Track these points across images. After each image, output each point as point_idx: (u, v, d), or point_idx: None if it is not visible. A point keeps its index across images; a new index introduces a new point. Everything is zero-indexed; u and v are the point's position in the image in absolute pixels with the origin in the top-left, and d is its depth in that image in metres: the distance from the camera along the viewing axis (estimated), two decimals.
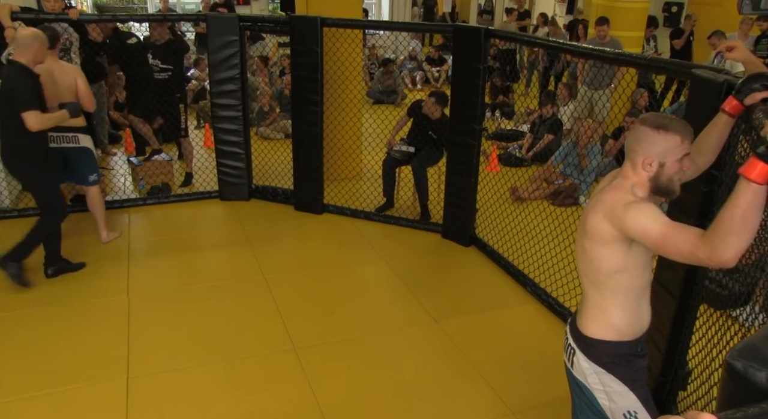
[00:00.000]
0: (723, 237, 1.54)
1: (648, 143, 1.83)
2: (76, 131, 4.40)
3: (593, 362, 1.96)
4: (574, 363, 2.03)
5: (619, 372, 1.95)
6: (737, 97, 2.01)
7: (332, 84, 5.46)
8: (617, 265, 1.88)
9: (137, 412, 2.96)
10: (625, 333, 1.95)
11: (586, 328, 1.98)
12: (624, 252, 1.86)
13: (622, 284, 1.91)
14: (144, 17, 5.81)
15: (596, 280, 1.94)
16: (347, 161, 5.76)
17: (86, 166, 4.52)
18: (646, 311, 2.00)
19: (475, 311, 3.93)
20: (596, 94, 6.98)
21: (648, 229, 1.72)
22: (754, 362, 1.37)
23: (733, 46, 2.26)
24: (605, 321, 1.95)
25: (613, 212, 1.81)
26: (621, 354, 1.95)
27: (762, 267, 3.07)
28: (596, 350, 1.96)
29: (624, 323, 1.94)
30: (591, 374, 1.98)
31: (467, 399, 3.12)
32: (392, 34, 8.65)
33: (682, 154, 1.84)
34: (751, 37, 7.63)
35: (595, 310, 1.97)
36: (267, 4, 15.04)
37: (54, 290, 4.01)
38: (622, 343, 1.95)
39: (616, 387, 1.95)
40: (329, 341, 3.58)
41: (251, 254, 4.58)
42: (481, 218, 4.87)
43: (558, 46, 4.26)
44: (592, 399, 2.01)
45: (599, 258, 1.90)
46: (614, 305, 1.93)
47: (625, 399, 1.96)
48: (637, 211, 1.76)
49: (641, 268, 1.92)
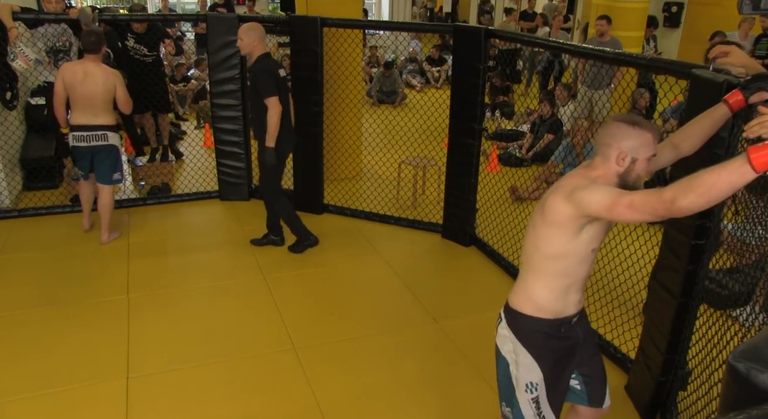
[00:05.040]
0: (685, 190, 1.60)
1: (623, 138, 1.88)
2: (104, 128, 4.44)
3: (512, 331, 2.11)
4: (498, 329, 2.19)
5: (530, 345, 2.08)
6: (743, 93, 2.01)
7: (332, 84, 5.46)
8: (558, 250, 1.97)
9: (137, 412, 2.95)
10: (543, 311, 2.06)
11: (511, 300, 2.13)
12: (571, 237, 1.94)
13: (554, 270, 2.01)
14: (144, 17, 5.80)
15: (533, 259, 2.05)
16: (347, 161, 5.76)
17: (112, 164, 4.55)
18: (573, 300, 2.08)
19: (475, 311, 3.92)
20: (596, 94, 6.97)
21: (602, 197, 1.79)
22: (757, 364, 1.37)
23: (728, 52, 2.26)
24: (527, 296, 2.08)
25: (572, 191, 1.88)
26: (536, 330, 2.07)
27: (762, 267, 3.07)
28: (515, 321, 2.10)
29: (545, 302, 2.05)
30: (507, 342, 2.13)
31: (467, 399, 3.12)
32: (392, 35, 8.65)
33: (651, 153, 1.91)
34: (751, 36, 7.63)
35: (522, 285, 2.10)
36: (267, 4, 15.04)
37: (54, 290, 4.01)
38: (541, 320, 2.06)
39: (524, 358, 2.08)
40: (329, 341, 3.58)
41: (251, 254, 4.58)
42: (481, 218, 4.87)
43: (558, 46, 4.26)
44: (503, 364, 2.16)
45: (545, 239, 1.99)
46: (540, 284, 2.04)
47: (529, 371, 2.09)
48: (593, 187, 1.86)
49: (578, 260, 2.00)
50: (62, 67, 4.42)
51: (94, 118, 4.37)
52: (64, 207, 5.27)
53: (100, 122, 4.38)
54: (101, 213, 4.65)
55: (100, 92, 4.34)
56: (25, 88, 6.00)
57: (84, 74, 4.30)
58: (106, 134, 4.45)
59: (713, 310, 2.82)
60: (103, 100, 4.36)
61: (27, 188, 5.65)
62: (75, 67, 4.36)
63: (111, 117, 4.48)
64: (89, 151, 4.45)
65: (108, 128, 4.45)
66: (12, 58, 4.53)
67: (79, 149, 4.45)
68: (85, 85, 4.30)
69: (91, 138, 4.40)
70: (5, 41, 4.59)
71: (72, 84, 4.30)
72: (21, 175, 5.70)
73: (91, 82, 4.31)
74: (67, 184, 5.65)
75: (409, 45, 12.23)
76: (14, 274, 4.25)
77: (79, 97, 4.33)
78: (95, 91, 4.33)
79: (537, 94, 8.92)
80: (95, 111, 4.36)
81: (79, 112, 4.37)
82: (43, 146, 5.83)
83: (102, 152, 4.47)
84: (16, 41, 4.49)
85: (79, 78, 4.29)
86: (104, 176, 4.56)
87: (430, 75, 11.47)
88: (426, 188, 5.86)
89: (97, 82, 4.32)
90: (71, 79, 4.30)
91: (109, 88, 4.36)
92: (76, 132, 4.40)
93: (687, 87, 2.69)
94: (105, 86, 4.35)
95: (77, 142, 4.42)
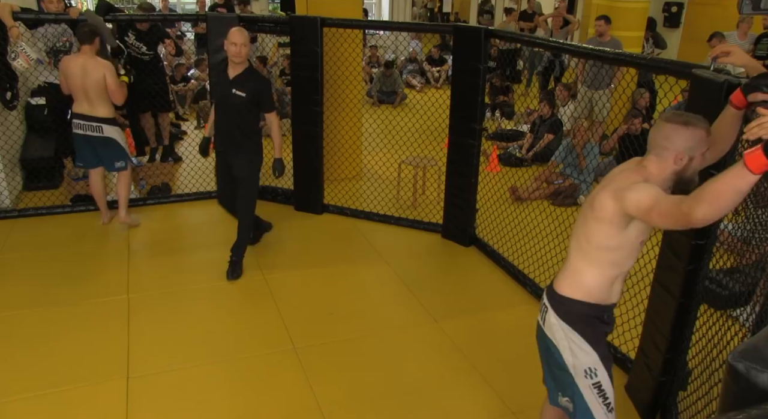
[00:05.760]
0: (698, 201, 1.70)
1: (678, 139, 1.93)
2: (100, 121, 4.63)
3: (562, 319, 2.13)
4: (545, 319, 2.19)
5: (584, 330, 2.11)
6: (743, 92, 2.03)
7: (332, 84, 5.45)
8: (608, 243, 2.04)
9: (137, 412, 2.95)
10: (594, 297, 2.11)
11: (561, 287, 2.16)
12: (619, 230, 2.00)
13: (606, 260, 2.08)
14: (144, 17, 5.80)
15: (586, 250, 2.10)
16: (347, 161, 5.76)
17: (111, 154, 4.75)
18: (617, 290, 2.16)
19: (475, 311, 3.92)
20: (596, 94, 6.98)
21: (642, 199, 1.87)
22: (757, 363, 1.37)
23: (729, 51, 2.25)
24: (579, 282, 2.12)
25: (619, 190, 1.96)
26: (588, 314, 2.11)
27: (762, 267, 3.06)
28: (567, 307, 2.12)
29: (594, 288, 2.10)
30: (558, 330, 2.14)
31: (467, 399, 3.12)
32: (392, 35, 8.65)
33: (706, 148, 1.97)
34: (750, 35, 7.62)
35: (572, 272, 2.14)
36: (267, 4, 15.04)
37: (54, 290, 4.01)
38: (590, 304, 2.11)
39: (581, 344, 2.10)
40: (329, 341, 3.58)
41: (251, 254, 4.58)
42: (481, 218, 4.87)
43: (558, 46, 4.26)
44: (557, 354, 2.15)
45: (595, 232, 2.05)
46: (593, 272, 2.09)
47: (587, 356, 2.10)
48: (638, 186, 1.92)
49: (627, 254, 2.07)
50: (61, 61, 4.64)
51: (92, 109, 4.59)
52: (64, 207, 5.27)
53: (96, 113, 4.59)
54: (118, 194, 4.91)
55: (92, 83, 4.52)
56: (25, 88, 6.00)
57: (79, 67, 4.51)
58: (101, 127, 4.64)
59: (713, 310, 2.82)
60: (96, 91, 4.54)
61: (27, 188, 5.65)
62: (72, 60, 4.57)
63: (108, 110, 4.65)
64: (86, 140, 4.65)
65: (104, 120, 4.63)
66: (13, 57, 4.55)
67: (78, 137, 4.69)
68: (81, 77, 4.51)
69: (87, 127, 4.62)
70: (5, 41, 4.59)
71: (70, 76, 4.52)
72: (21, 175, 5.70)
73: (85, 75, 4.50)
74: (67, 184, 5.65)
75: (409, 45, 12.22)
76: (14, 274, 4.25)
77: (77, 88, 4.54)
78: (88, 82, 4.52)
79: (537, 94, 8.92)
80: (92, 102, 4.57)
81: (79, 102, 4.60)
82: (43, 146, 5.83)
83: (99, 142, 4.67)
84: (17, 41, 4.50)
85: (75, 70, 4.51)
86: (108, 164, 4.80)
87: (430, 75, 11.46)
88: (426, 188, 5.86)
89: (90, 74, 4.51)
90: (69, 72, 4.52)
91: (100, 79, 4.52)
92: (76, 120, 4.65)
93: (687, 87, 2.69)
94: (95, 77, 4.52)
95: (76, 129, 4.67)
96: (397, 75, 10.18)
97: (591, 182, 5.88)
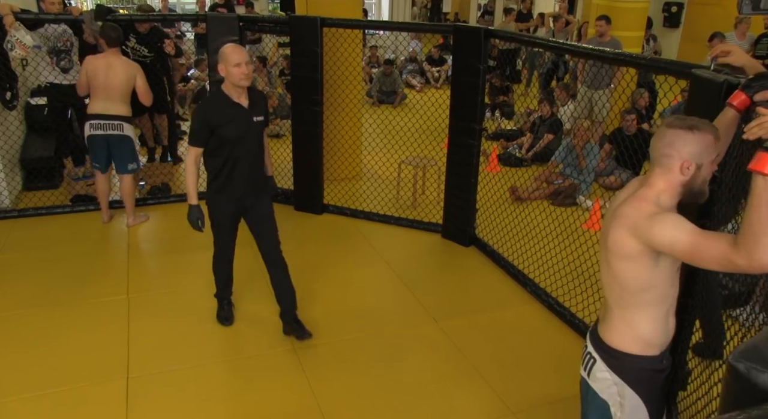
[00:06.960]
0: (756, 240, 1.48)
1: (683, 145, 1.74)
2: (121, 119, 4.65)
3: (615, 373, 1.91)
4: (591, 372, 1.97)
5: (639, 386, 1.90)
6: (746, 92, 1.99)
7: (332, 84, 5.46)
8: (644, 282, 1.81)
9: (137, 412, 2.95)
10: (652, 346, 1.89)
11: (611, 339, 1.92)
12: (651, 267, 1.77)
13: (649, 300, 1.85)
14: (144, 17, 5.79)
15: (621, 298, 1.87)
16: (347, 161, 5.75)
17: (126, 155, 4.76)
18: (672, 323, 1.94)
19: (475, 311, 3.92)
20: (596, 94, 6.98)
21: (677, 240, 1.64)
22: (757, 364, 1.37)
23: (729, 51, 2.25)
24: (632, 335, 1.88)
25: (636, 226, 1.73)
26: (645, 368, 1.90)
27: None
28: (620, 362, 1.90)
29: (649, 334, 1.88)
30: (611, 385, 1.92)
31: (467, 399, 3.12)
32: (392, 35, 8.65)
33: (715, 154, 1.78)
34: (749, 36, 7.63)
35: (621, 322, 1.90)
36: (267, 4, 15.04)
37: (54, 291, 4.01)
38: (647, 358, 1.89)
39: (632, 401, 1.90)
40: (329, 341, 3.58)
41: (251, 255, 4.56)
42: (481, 218, 4.87)
43: (558, 46, 4.26)
44: (602, 408, 1.96)
45: (624, 274, 1.82)
46: (643, 317, 1.87)
47: (637, 413, 1.92)
48: (663, 223, 1.68)
49: (668, 284, 1.84)
50: (86, 60, 4.65)
51: (112, 107, 4.59)
52: (64, 207, 5.27)
53: (116, 112, 4.61)
54: (124, 199, 4.94)
55: (120, 83, 4.57)
56: (25, 88, 6.00)
57: (107, 66, 4.54)
58: (122, 125, 4.66)
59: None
60: (122, 91, 4.59)
61: (27, 188, 5.64)
62: (98, 59, 4.60)
63: (127, 109, 4.69)
64: (105, 140, 4.65)
65: (124, 118, 4.66)
66: (10, 47, 4.52)
67: (95, 138, 4.66)
68: (108, 76, 4.54)
69: (107, 127, 4.62)
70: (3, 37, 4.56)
71: (95, 74, 4.54)
72: (21, 175, 5.70)
73: (112, 74, 4.54)
74: (67, 184, 5.65)
75: (409, 45, 12.22)
76: (14, 274, 4.25)
77: (100, 87, 4.55)
78: (116, 82, 4.55)
79: (537, 95, 8.92)
80: (113, 101, 4.59)
81: (98, 101, 4.59)
82: (43, 146, 5.84)
83: (116, 141, 4.67)
84: (10, 29, 4.48)
85: (102, 69, 4.53)
86: (121, 166, 4.80)
87: (430, 75, 11.46)
88: (426, 188, 5.86)
89: (117, 73, 4.55)
90: (94, 70, 4.54)
91: (130, 79, 4.59)
92: (93, 120, 4.62)
93: (687, 87, 2.69)
94: (126, 77, 4.58)
95: (93, 130, 4.63)
96: (396, 75, 10.17)
97: (591, 182, 5.88)
